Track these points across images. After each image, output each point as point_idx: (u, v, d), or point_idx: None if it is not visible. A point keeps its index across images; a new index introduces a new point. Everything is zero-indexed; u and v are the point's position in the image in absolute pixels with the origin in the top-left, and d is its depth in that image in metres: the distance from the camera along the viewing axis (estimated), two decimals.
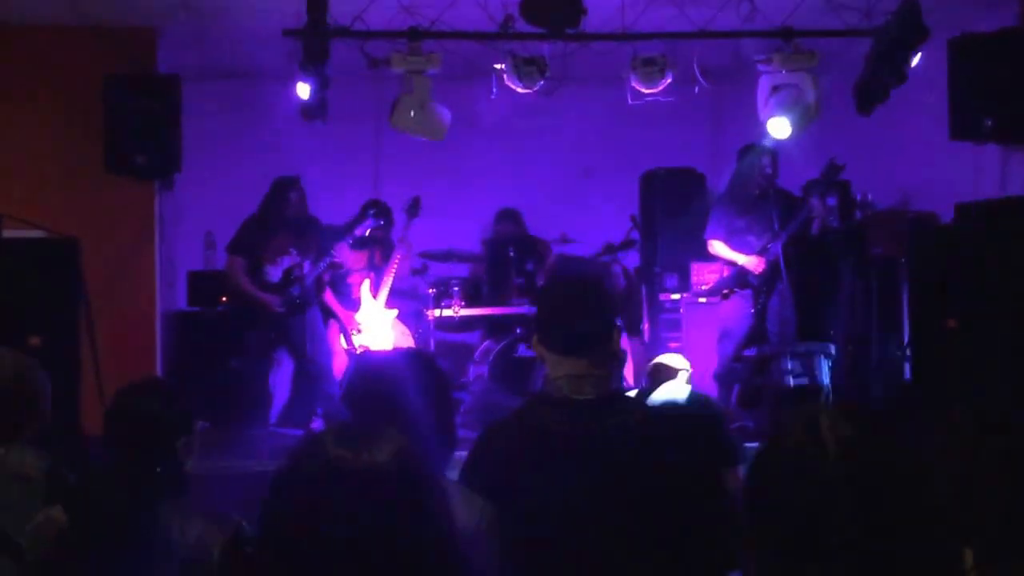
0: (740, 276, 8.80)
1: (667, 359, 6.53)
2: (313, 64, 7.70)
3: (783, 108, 8.34)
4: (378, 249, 9.42)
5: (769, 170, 8.78)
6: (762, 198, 8.78)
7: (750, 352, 8.66)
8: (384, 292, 9.20)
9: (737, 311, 8.83)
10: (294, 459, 2.51)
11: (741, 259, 8.78)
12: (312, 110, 8.08)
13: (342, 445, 2.41)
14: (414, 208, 9.18)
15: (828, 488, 1.75)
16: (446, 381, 3.49)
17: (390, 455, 2.40)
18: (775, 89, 8.36)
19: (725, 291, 8.86)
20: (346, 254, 9.04)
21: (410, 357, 3.59)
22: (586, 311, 3.28)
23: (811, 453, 1.78)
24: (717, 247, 8.94)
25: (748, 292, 8.82)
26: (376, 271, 9.33)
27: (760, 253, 8.72)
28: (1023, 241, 7.18)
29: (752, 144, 8.91)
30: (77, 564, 3.20)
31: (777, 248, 8.60)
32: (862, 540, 1.73)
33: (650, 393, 5.82)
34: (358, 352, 9.00)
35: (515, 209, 10.50)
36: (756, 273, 8.71)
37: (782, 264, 8.57)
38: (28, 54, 8.84)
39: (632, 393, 5.82)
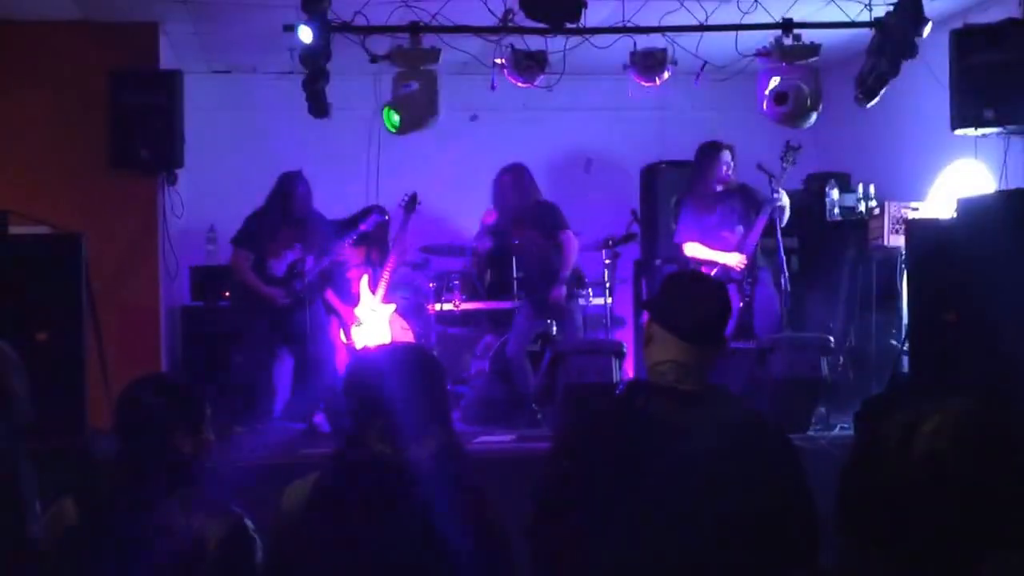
0: (723, 273, 8.81)
1: None
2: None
3: (783, 101, 8.37)
4: (376, 246, 9.44)
5: (730, 166, 8.82)
6: (726, 193, 8.82)
7: (748, 345, 8.67)
8: (382, 288, 9.23)
9: None
10: (338, 455, 2.55)
11: (722, 257, 8.78)
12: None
13: (385, 443, 2.46)
14: (411, 204, 9.20)
15: (916, 492, 1.79)
16: (441, 375, 3.51)
17: (430, 451, 2.44)
18: (777, 89, 8.38)
19: None
20: (348, 252, 9.07)
21: (406, 352, 3.63)
22: (715, 303, 3.32)
23: (900, 459, 1.82)
24: (694, 249, 8.90)
25: (733, 287, 8.83)
26: (374, 267, 9.36)
27: (739, 249, 8.74)
28: (1022, 234, 7.21)
29: (711, 142, 8.94)
30: (84, 554, 3.23)
31: (752, 242, 8.64)
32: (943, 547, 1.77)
33: None
34: (357, 347, 9.03)
35: None
36: (738, 270, 8.74)
37: (756, 256, 8.63)
38: (31, 50, 8.87)
39: None
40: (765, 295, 8.76)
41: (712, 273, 8.78)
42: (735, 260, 8.73)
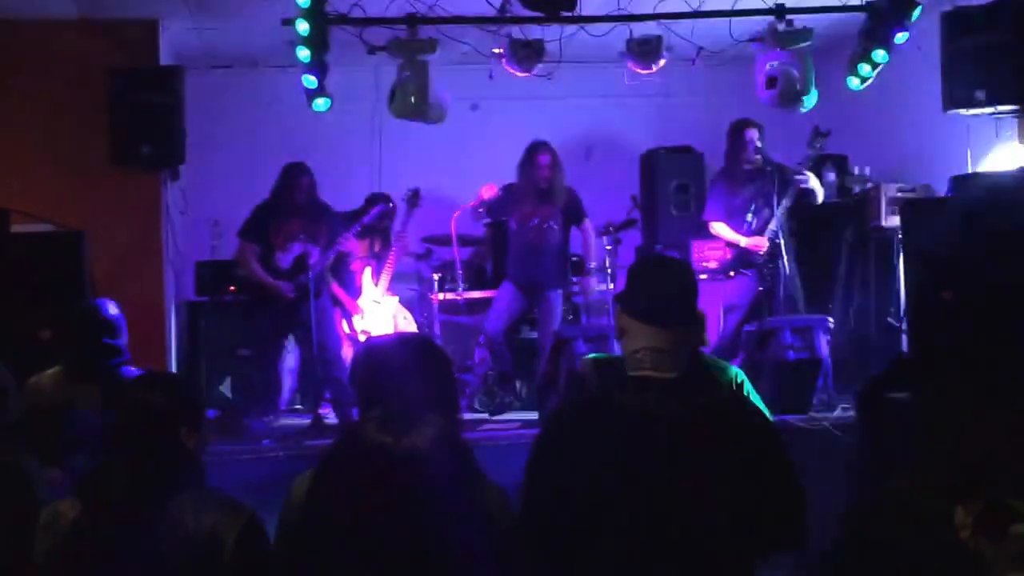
0: (743, 257, 8.86)
1: None
2: None
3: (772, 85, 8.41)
4: (378, 238, 9.47)
5: (758, 144, 8.83)
6: (757, 173, 8.85)
7: (750, 327, 8.74)
8: (384, 280, 9.26)
9: (743, 288, 8.88)
10: (338, 444, 2.59)
11: (743, 240, 8.82)
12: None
13: (384, 431, 2.49)
14: (414, 199, 9.21)
15: None
16: (448, 364, 3.51)
17: (429, 440, 2.47)
18: (768, 73, 8.42)
19: (730, 272, 8.91)
20: (352, 244, 9.08)
21: (412, 341, 3.67)
22: (675, 283, 3.28)
23: None
24: (719, 228, 8.97)
25: (752, 271, 8.88)
26: (377, 259, 9.39)
27: (760, 232, 8.79)
28: (1017, 212, 7.27)
29: (741, 119, 8.98)
30: (90, 556, 3.23)
31: (776, 226, 8.67)
32: None
33: None
34: (360, 338, 9.06)
35: None
36: (758, 253, 8.78)
37: (781, 241, 8.64)
38: (31, 48, 8.88)
39: None
40: (785, 279, 8.80)
41: (730, 257, 8.88)
42: (754, 244, 8.77)
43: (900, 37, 8.08)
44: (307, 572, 2.61)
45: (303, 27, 7.80)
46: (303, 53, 7.93)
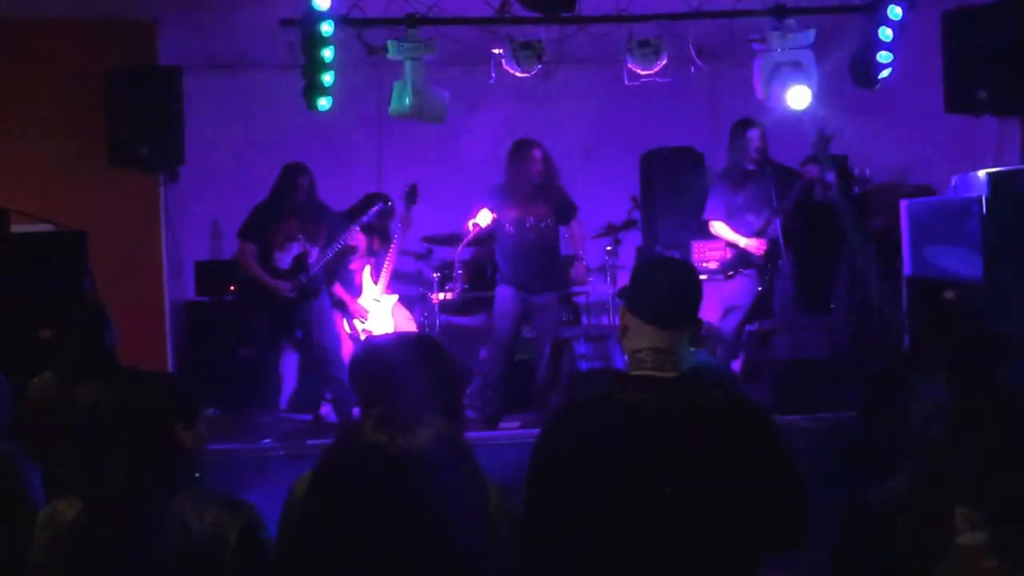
0: (743, 257, 8.86)
1: None
2: None
3: (785, 86, 8.38)
4: (377, 235, 9.47)
5: (760, 144, 8.83)
6: (758, 173, 8.84)
7: (751, 327, 8.74)
8: (384, 278, 9.24)
9: (742, 288, 8.89)
10: (336, 444, 2.59)
11: (743, 241, 8.83)
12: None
13: (381, 430, 2.48)
14: (412, 195, 9.17)
15: None
16: (452, 363, 3.48)
17: (427, 440, 2.47)
18: (777, 67, 8.38)
19: (730, 272, 8.92)
20: (359, 238, 9.07)
21: (413, 341, 3.65)
22: (679, 284, 3.30)
23: None
24: (719, 228, 8.97)
25: (752, 271, 8.88)
26: (376, 257, 9.38)
27: (760, 234, 8.79)
28: (1018, 212, 7.26)
29: (743, 119, 8.98)
30: (90, 556, 3.21)
31: (777, 226, 8.67)
32: None
33: None
34: (360, 337, 9.05)
35: None
36: (758, 255, 8.77)
37: (781, 242, 8.64)
38: (30, 48, 8.90)
39: None
40: (783, 279, 8.80)
41: (730, 257, 8.88)
42: (753, 245, 8.77)
43: (885, 34, 8.06)
44: (307, 571, 2.60)
45: (327, 28, 7.82)
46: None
